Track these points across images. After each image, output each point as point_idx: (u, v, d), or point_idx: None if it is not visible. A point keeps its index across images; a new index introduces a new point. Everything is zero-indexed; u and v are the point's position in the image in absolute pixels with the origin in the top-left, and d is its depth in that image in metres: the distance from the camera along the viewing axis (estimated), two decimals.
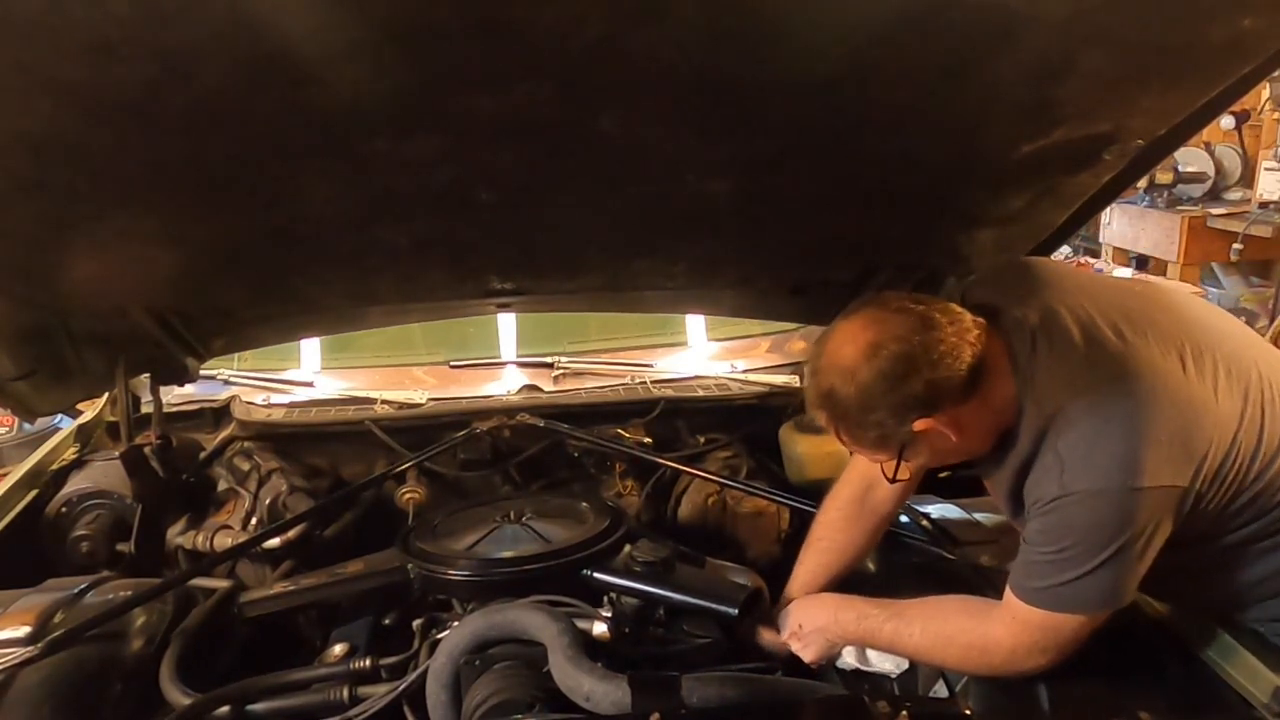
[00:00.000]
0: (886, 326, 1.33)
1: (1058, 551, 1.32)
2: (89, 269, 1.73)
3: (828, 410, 1.39)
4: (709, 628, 1.63)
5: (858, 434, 1.40)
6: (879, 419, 1.35)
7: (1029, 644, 1.37)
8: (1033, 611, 1.36)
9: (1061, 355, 1.35)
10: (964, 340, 1.33)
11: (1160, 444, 1.26)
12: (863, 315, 1.37)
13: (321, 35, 1.10)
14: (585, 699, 1.35)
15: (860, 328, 1.36)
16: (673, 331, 2.91)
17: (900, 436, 1.37)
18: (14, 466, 2.34)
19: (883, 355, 1.31)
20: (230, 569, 2.08)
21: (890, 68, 1.29)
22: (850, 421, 1.38)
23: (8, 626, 1.53)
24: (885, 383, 1.31)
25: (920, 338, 1.32)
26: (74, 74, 1.13)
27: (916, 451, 1.41)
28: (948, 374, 1.32)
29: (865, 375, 1.32)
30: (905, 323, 1.33)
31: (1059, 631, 1.35)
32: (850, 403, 1.34)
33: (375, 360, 2.81)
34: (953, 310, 1.36)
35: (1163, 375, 1.30)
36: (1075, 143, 1.54)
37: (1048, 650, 1.36)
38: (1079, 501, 1.29)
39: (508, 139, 1.41)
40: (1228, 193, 5.78)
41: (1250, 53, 1.34)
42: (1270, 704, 1.32)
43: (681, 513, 2.33)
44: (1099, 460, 1.28)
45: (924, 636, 1.47)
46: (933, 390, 1.32)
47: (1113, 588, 1.32)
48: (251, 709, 1.54)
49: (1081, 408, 1.30)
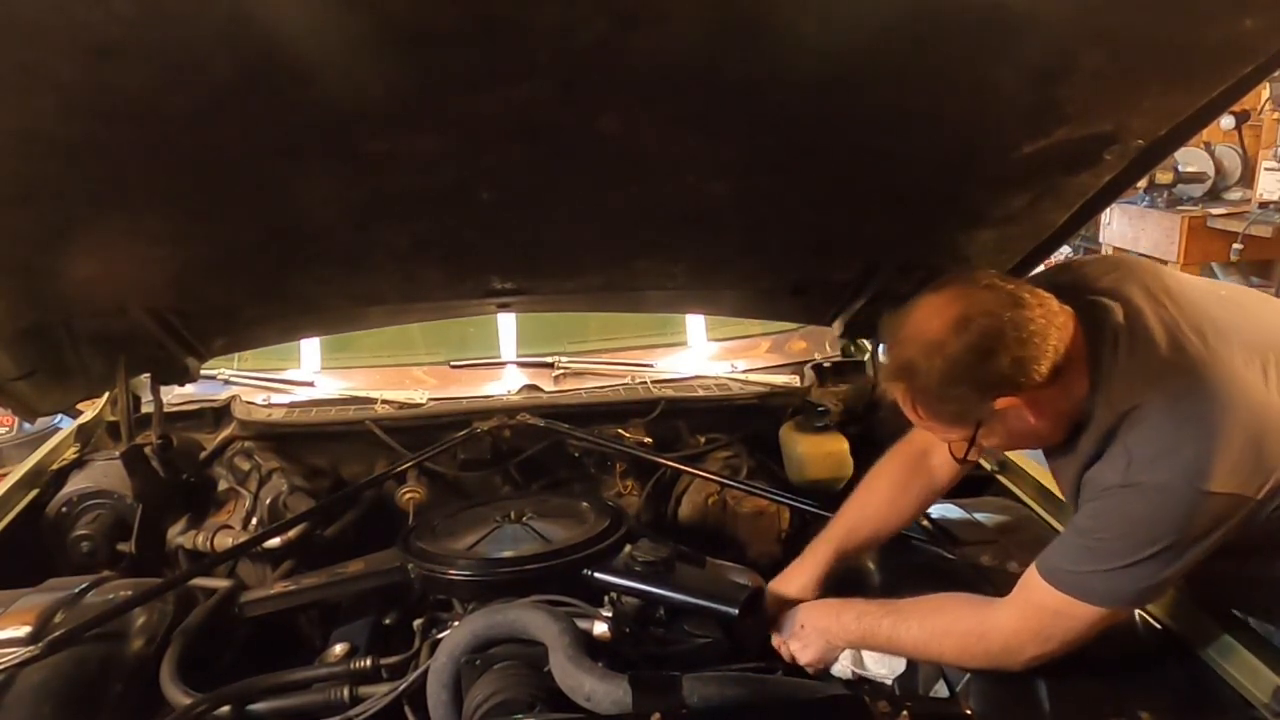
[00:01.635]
0: (976, 301, 1.32)
1: (1102, 539, 1.30)
2: (90, 269, 1.73)
3: (906, 382, 1.37)
4: (709, 628, 1.63)
5: (936, 408, 1.38)
6: (961, 393, 1.33)
7: (1034, 629, 1.35)
8: (1050, 594, 1.34)
9: (1142, 355, 1.33)
10: (1052, 324, 1.32)
11: (1233, 451, 1.24)
12: (951, 289, 1.36)
13: (322, 35, 1.10)
14: (586, 699, 1.35)
15: (948, 301, 1.34)
16: (673, 331, 2.90)
17: (979, 414, 1.36)
18: (14, 466, 2.34)
19: (972, 329, 1.29)
20: (230, 569, 2.08)
21: (891, 68, 1.29)
22: (930, 395, 1.36)
23: (8, 626, 1.53)
24: (973, 356, 1.30)
25: (1010, 314, 1.30)
26: (75, 74, 1.13)
27: (991, 430, 1.40)
28: (1034, 354, 1.30)
29: (953, 348, 1.30)
30: (995, 299, 1.32)
31: (1070, 620, 1.33)
32: (934, 376, 1.32)
33: (375, 360, 2.80)
34: (1040, 294, 1.35)
35: (1242, 384, 1.28)
36: (1075, 143, 1.54)
37: (1050, 640, 1.35)
38: (1140, 493, 1.28)
39: (508, 139, 1.41)
40: (1228, 193, 5.78)
41: (1250, 53, 1.34)
42: (1270, 704, 1.32)
43: (681, 513, 2.33)
44: (1168, 457, 1.26)
45: (921, 629, 1.46)
46: (1019, 369, 1.30)
47: (1144, 586, 1.31)
48: (251, 709, 1.54)
49: (1157, 407, 1.29)
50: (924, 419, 1.42)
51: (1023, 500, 2.05)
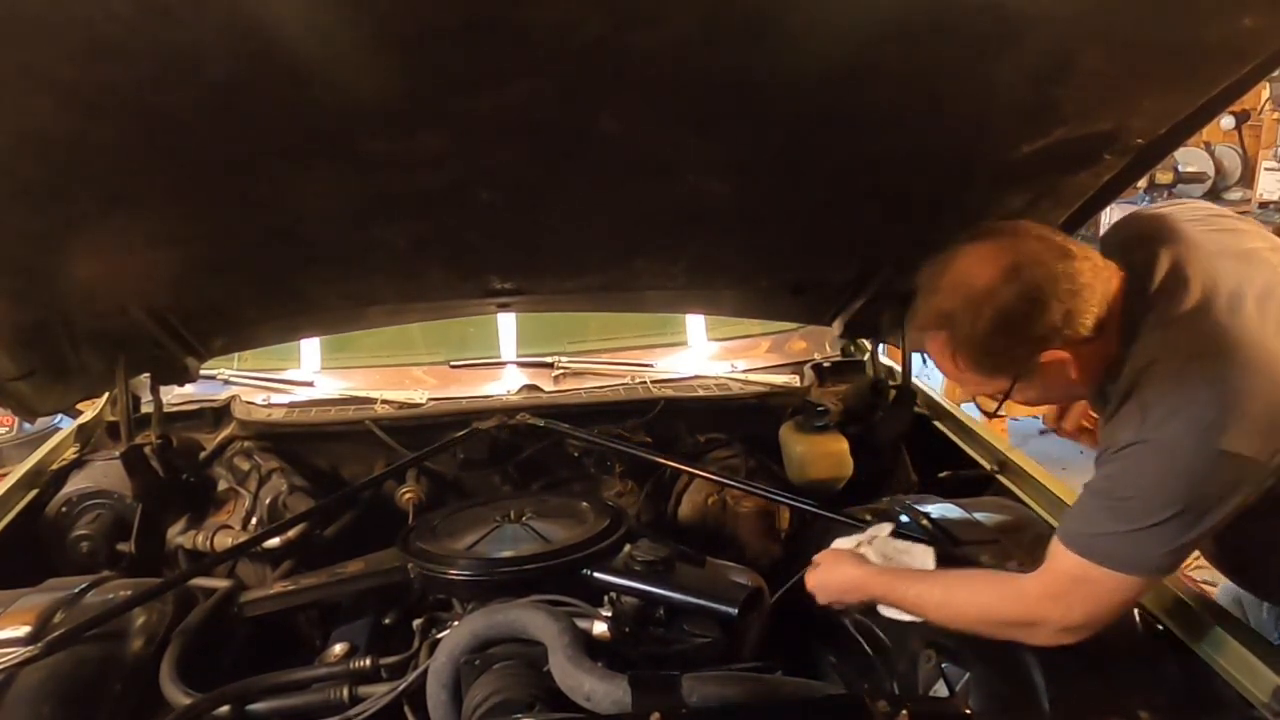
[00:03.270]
0: (1026, 250, 1.29)
1: (1118, 500, 1.28)
2: (89, 269, 1.73)
3: (949, 331, 1.34)
4: (709, 627, 1.63)
5: (978, 359, 1.35)
6: (1007, 345, 1.31)
7: (1053, 596, 1.33)
8: (1070, 559, 1.32)
9: (1173, 315, 1.32)
10: (1099, 277, 1.31)
11: (1248, 416, 1.23)
12: (997, 238, 1.33)
13: (322, 35, 1.10)
14: (585, 698, 1.35)
15: (997, 250, 1.31)
16: (673, 331, 2.90)
17: (1023, 366, 1.33)
18: (14, 466, 2.34)
19: (1024, 279, 1.27)
20: (230, 569, 2.08)
21: (890, 68, 1.29)
22: (975, 346, 1.33)
23: (8, 626, 1.53)
24: (1026, 306, 1.27)
25: (1061, 266, 1.28)
26: (75, 74, 1.13)
27: (1030, 384, 1.37)
28: (1083, 307, 1.29)
29: (1005, 298, 1.28)
30: (1045, 249, 1.30)
31: (1090, 587, 1.31)
32: (982, 325, 1.30)
33: (375, 360, 2.80)
34: (1086, 247, 1.33)
35: (1269, 354, 1.26)
36: (1075, 143, 1.54)
37: (1071, 608, 1.32)
38: (1154, 450, 1.26)
39: (508, 139, 1.41)
40: (1228, 192, 5.79)
41: (1250, 53, 1.34)
42: (1270, 704, 1.32)
43: (681, 512, 2.33)
44: (1183, 414, 1.25)
45: (946, 593, 1.44)
46: (1068, 321, 1.28)
47: (1161, 553, 1.28)
48: (251, 709, 1.54)
49: (1176, 366, 1.28)
50: (962, 370, 1.38)
51: (1023, 500, 2.05)
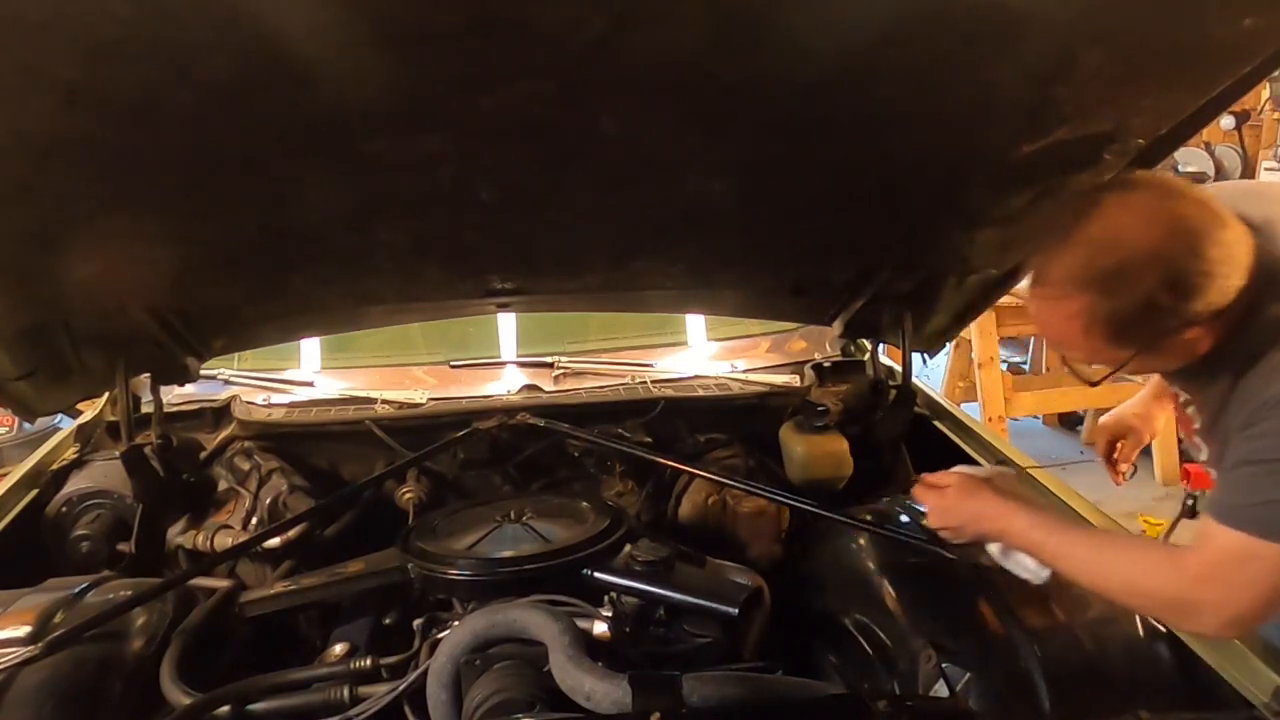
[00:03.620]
0: (1189, 213, 1.21)
1: (1275, 462, 1.18)
2: (89, 269, 1.73)
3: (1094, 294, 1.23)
4: (709, 627, 1.63)
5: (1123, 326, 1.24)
6: (1162, 315, 1.22)
7: (1216, 577, 1.21)
8: (1230, 535, 1.20)
9: None
10: (1245, 247, 1.23)
11: None
12: (1154, 192, 1.25)
13: (322, 35, 1.10)
14: (586, 698, 1.35)
15: (1156, 205, 1.22)
16: (673, 331, 2.90)
17: (1165, 339, 1.25)
18: (14, 466, 2.34)
19: (1195, 246, 1.19)
20: (230, 569, 2.08)
21: (890, 68, 1.29)
22: (1122, 313, 1.23)
23: (8, 626, 1.53)
24: (1196, 277, 1.19)
25: (1222, 234, 1.21)
26: (74, 74, 1.13)
27: (1156, 357, 1.30)
28: (1237, 280, 1.22)
29: (1175, 263, 1.19)
30: (1207, 215, 1.21)
31: (1257, 564, 1.18)
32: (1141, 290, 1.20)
33: (375, 360, 2.80)
34: (1230, 213, 1.25)
35: None
36: (1075, 143, 1.54)
37: (1235, 588, 1.20)
38: None
39: (508, 139, 1.41)
40: None
41: (1250, 53, 1.34)
42: (1270, 703, 1.32)
43: (681, 512, 2.33)
44: None
45: (1093, 550, 1.34)
46: (1223, 294, 1.21)
47: None
48: (251, 709, 1.54)
49: None
50: (1094, 338, 1.27)
51: None
